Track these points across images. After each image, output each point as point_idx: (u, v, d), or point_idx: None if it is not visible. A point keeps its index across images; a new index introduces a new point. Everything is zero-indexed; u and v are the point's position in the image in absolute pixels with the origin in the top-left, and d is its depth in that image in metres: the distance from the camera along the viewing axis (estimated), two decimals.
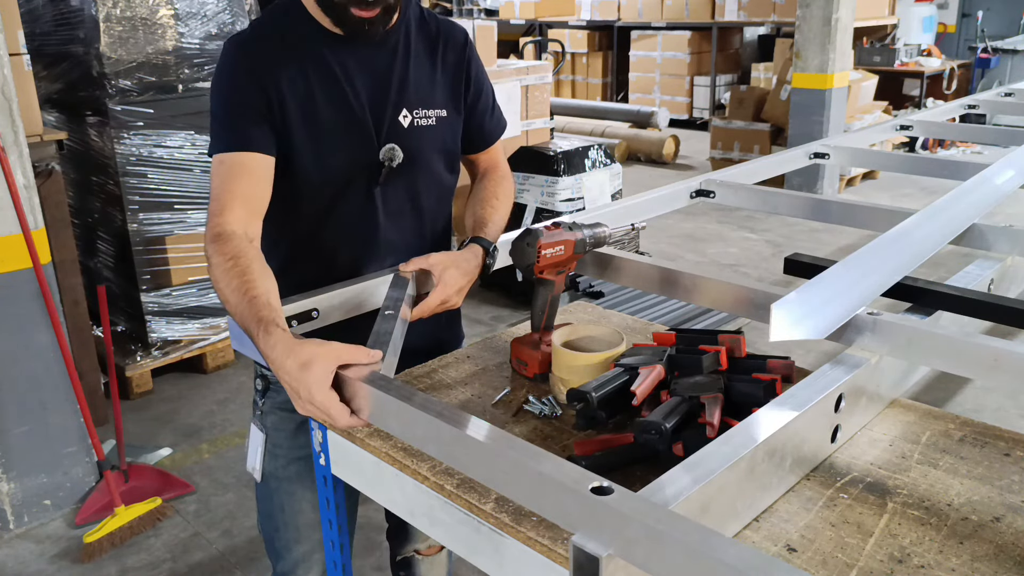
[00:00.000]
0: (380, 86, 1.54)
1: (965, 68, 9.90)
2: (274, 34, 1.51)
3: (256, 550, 2.71)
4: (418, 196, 1.63)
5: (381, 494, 1.33)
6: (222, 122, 1.48)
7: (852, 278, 1.37)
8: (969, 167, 2.21)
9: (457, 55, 1.64)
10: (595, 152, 4.87)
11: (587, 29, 11.30)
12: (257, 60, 1.48)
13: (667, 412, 1.18)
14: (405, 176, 1.59)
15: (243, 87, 1.46)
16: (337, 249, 1.58)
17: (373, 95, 1.53)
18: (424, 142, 1.60)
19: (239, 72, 1.48)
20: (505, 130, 1.79)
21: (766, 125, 7.52)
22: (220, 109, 1.48)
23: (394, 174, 1.57)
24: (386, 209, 1.60)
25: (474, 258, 1.50)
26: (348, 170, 1.53)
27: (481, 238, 1.56)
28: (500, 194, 1.69)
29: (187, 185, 3.72)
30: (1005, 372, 1.15)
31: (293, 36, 1.50)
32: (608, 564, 0.86)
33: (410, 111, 1.57)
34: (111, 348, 3.02)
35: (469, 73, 1.65)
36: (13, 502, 2.82)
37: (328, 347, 1.12)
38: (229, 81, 1.49)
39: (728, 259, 5.59)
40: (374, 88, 1.54)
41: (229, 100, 1.48)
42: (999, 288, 1.78)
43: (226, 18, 3.76)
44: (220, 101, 1.49)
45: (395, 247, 1.62)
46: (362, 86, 1.52)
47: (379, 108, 1.54)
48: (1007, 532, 1.05)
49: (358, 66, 1.53)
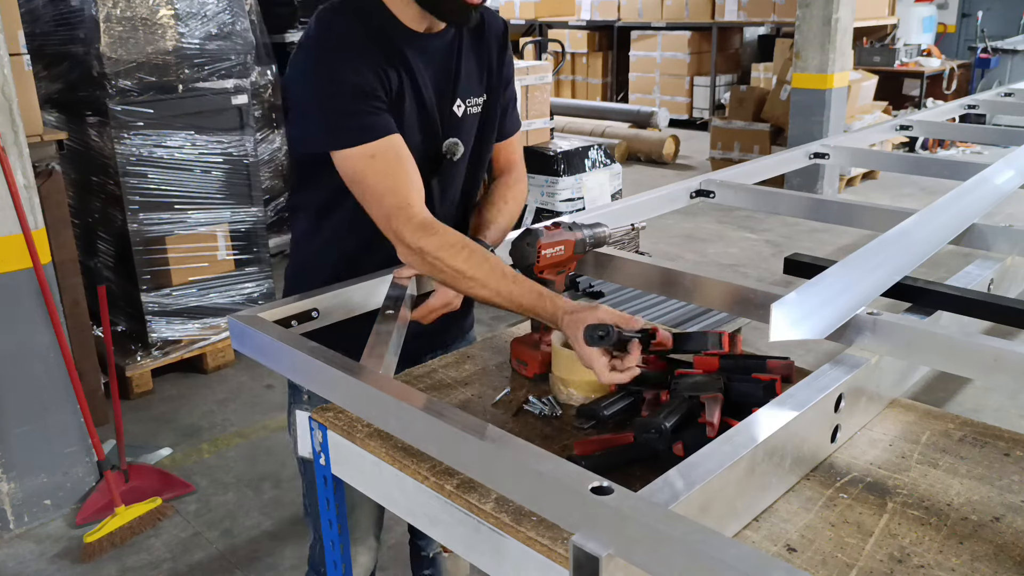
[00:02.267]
0: (443, 78, 1.54)
1: (965, 68, 9.90)
2: (359, 24, 1.44)
3: (256, 550, 2.71)
4: (466, 185, 1.66)
5: (381, 494, 1.33)
6: (351, 112, 1.39)
7: (852, 278, 1.37)
8: (969, 167, 2.21)
9: (497, 43, 1.64)
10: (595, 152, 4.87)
11: (587, 29, 11.29)
12: (360, 47, 1.42)
13: (667, 412, 1.18)
14: (459, 166, 1.61)
15: (360, 72, 1.39)
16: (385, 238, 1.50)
17: (437, 88, 1.53)
18: (472, 130, 1.62)
19: (350, 57, 1.40)
20: (519, 128, 1.79)
21: (766, 125, 7.52)
22: (340, 99, 1.39)
23: (451, 165, 1.59)
24: (441, 199, 1.61)
25: None
26: (417, 162, 1.49)
27: (480, 241, 1.55)
28: (510, 197, 1.68)
29: (187, 185, 3.72)
30: (1005, 372, 1.15)
31: (373, 27, 1.45)
32: (608, 564, 0.86)
33: (463, 100, 1.58)
34: (111, 348, 3.02)
35: (503, 62, 1.66)
36: (13, 502, 2.82)
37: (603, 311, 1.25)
38: (343, 66, 1.39)
39: (728, 259, 5.59)
40: (437, 80, 1.53)
41: (351, 87, 1.38)
42: (999, 288, 1.78)
43: (226, 18, 3.76)
44: (336, 91, 1.39)
45: None
46: (430, 79, 1.52)
47: (443, 101, 1.55)
48: (1007, 532, 1.05)
49: (425, 58, 1.50)
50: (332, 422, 1.34)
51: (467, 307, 1.79)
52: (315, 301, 1.45)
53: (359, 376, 1.16)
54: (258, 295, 4.04)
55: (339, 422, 1.33)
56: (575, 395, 1.38)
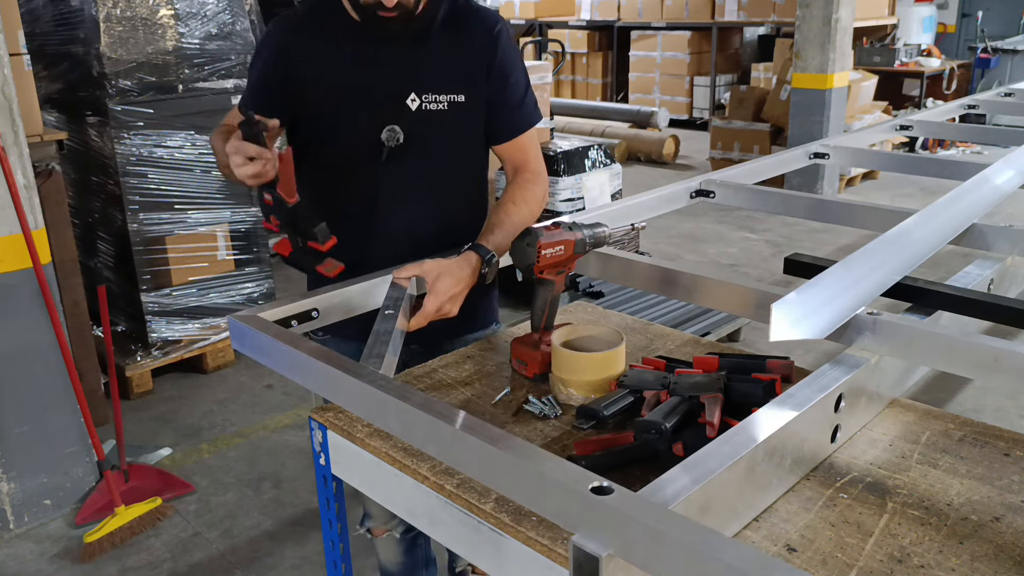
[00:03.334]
0: (393, 69, 1.59)
1: (965, 68, 9.89)
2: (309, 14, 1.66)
3: (256, 550, 2.72)
4: (424, 181, 1.65)
5: (381, 494, 1.33)
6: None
7: (852, 278, 1.37)
8: (969, 167, 2.21)
9: (482, 41, 1.64)
10: (595, 152, 4.87)
11: (587, 29, 11.29)
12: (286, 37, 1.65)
13: (667, 412, 1.19)
14: (409, 160, 1.61)
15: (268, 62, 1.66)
16: (338, 224, 1.56)
17: (385, 77, 1.58)
18: (432, 126, 1.61)
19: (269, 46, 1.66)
20: (535, 125, 1.75)
21: (766, 125, 7.52)
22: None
23: (396, 156, 1.59)
24: (387, 190, 1.62)
25: (468, 266, 1.49)
26: (354, 146, 1.58)
27: (480, 246, 1.54)
28: (520, 198, 1.66)
29: (187, 185, 3.72)
30: (1005, 372, 1.15)
31: (329, 17, 1.62)
32: (608, 564, 0.86)
33: (419, 95, 1.59)
34: (111, 348, 3.01)
35: (493, 60, 1.65)
36: (13, 502, 2.82)
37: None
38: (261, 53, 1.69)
39: (728, 259, 5.59)
40: (387, 71, 1.59)
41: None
42: (999, 288, 1.78)
43: (226, 18, 3.76)
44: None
45: (395, 231, 1.64)
46: (376, 67, 1.58)
47: (388, 90, 1.59)
48: (1007, 532, 1.05)
49: (375, 50, 1.59)
50: (332, 422, 1.34)
51: (488, 296, 1.80)
52: (315, 301, 1.45)
53: (359, 376, 1.16)
54: (258, 295, 4.04)
55: (339, 422, 1.33)
56: (575, 395, 1.38)
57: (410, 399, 1.07)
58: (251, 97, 1.68)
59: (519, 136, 1.72)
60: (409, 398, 1.07)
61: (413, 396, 1.08)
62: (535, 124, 1.74)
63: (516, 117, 1.71)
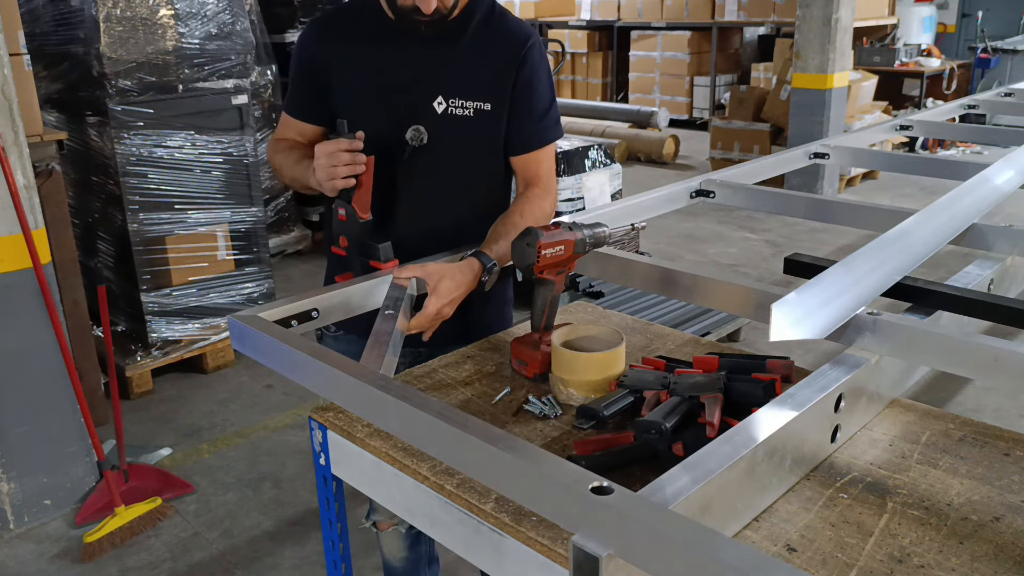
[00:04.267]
0: (422, 72, 1.63)
1: (965, 68, 9.89)
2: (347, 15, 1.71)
3: (256, 550, 2.72)
4: (445, 183, 1.67)
5: (381, 494, 1.33)
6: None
7: (852, 278, 1.37)
8: (969, 167, 2.21)
9: (511, 53, 1.66)
10: (595, 152, 4.87)
11: (587, 29, 11.29)
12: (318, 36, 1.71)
13: (667, 412, 1.19)
14: (431, 161, 1.64)
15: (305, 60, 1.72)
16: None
17: (413, 79, 1.63)
18: (456, 131, 1.64)
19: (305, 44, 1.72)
20: (553, 142, 1.74)
21: (766, 125, 7.51)
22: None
23: (419, 157, 1.62)
24: (405, 190, 1.65)
25: (469, 271, 1.52)
26: (378, 143, 1.58)
27: (483, 254, 1.56)
28: (527, 212, 1.66)
29: (187, 185, 3.72)
30: (1005, 372, 1.15)
31: (361, 18, 1.67)
32: (608, 564, 0.86)
33: (446, 99, 1.62)
34: (111, 348, 3.01)
35: (520, 73, 1.66)
36: (13, 502, 2.82)
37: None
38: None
39: (728, 259, 5.59)
40: (416, 73, 1.63)
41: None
42: (999, 288, 1.78)
43: (226, 18, 3.76)
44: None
45: (409, 232, 1.65)
46: (404, 69, 1.63)
47: (415, 92, 1.62)
48: (1007, 532, 1.05)
49: (406, 51, 1.63)
50: (332, 422, 1.34)
51: (503, 302, 1.84)
52: (315, 301, 1.45)
53: (359, 376, 1.16)
54: (258, 295, 4.04)
55: (339, 422, 1.33)
56: (575, 395, 1.38)
57: (410, 399, 1.07)
58: (295, 99, 1.75)
59: (535, 151, 1.72)
60: (409, 398, 1.07)
61: (413, 396, 1.08)
62: (554, 141, 1.74)
63: (534, 131, 1.71)
